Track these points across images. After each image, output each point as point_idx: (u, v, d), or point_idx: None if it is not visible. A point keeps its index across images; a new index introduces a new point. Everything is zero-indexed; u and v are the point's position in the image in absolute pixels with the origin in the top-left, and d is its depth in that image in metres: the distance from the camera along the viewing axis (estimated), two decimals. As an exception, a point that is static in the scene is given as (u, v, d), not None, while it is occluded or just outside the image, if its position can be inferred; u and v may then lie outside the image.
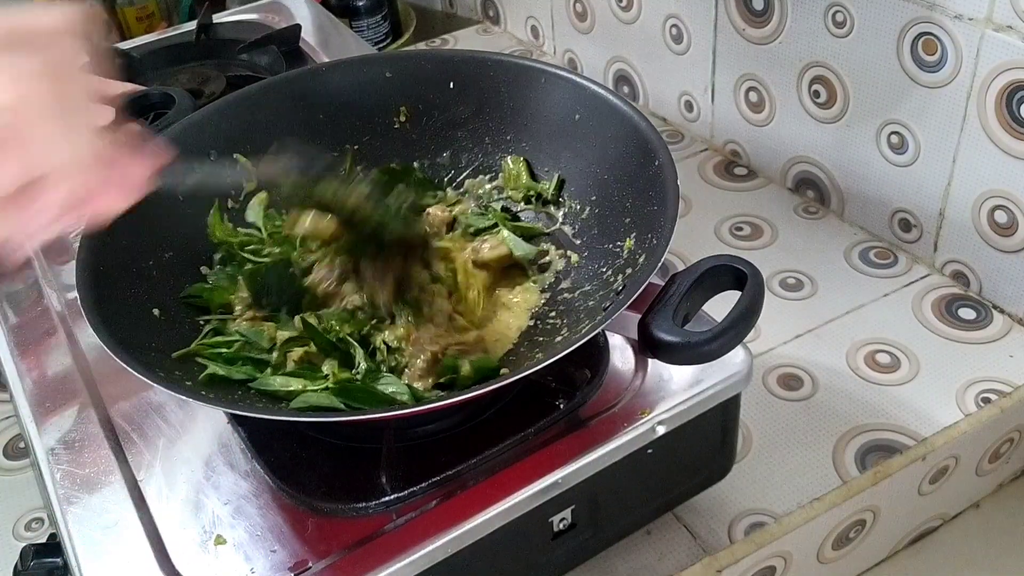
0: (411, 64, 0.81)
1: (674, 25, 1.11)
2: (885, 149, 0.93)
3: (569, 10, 1.26)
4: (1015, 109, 0.80)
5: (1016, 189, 0.83)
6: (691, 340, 0.57)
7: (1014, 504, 0.87)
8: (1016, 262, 0.86)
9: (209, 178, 0.66)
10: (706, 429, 0.67)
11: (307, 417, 0.62)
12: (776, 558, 0.75)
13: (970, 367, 0.84)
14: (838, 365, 0.86)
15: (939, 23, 0.83)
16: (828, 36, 0.93)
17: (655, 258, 0.60)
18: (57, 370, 0.74)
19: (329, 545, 0.58)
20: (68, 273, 0.83)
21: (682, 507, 0.74)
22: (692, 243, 1.00)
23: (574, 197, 0.75)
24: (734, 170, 1.11)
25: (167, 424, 0.68)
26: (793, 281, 0.95)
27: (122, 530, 0.61)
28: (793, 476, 0.77)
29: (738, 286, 0.60)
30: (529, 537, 0.62)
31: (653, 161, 0.66)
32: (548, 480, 0.60)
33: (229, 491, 0.63)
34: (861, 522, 0.78)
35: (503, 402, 0.65)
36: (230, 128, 0.77)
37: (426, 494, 0.60)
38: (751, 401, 0.83)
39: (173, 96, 0.77)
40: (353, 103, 0.80)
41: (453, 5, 1.57)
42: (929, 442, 0.78)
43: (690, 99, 1.15)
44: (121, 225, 0.67)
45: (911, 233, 0.95)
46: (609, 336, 0.69)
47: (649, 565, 0.72)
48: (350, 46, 1.19)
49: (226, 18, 1.23)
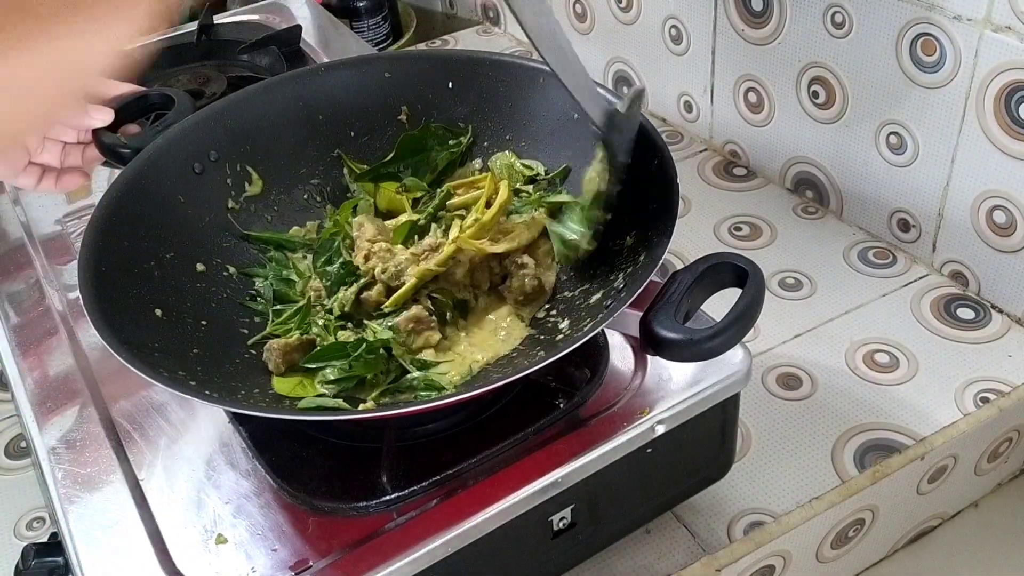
0: (410, 64, 0.81)
1: (673, 26, 1.11)
2: (884, 149, 0.93)
3: (569, 11, 1.27)
4: (1013, 109, 0.80)
5: (1015, 189, 0.83)
6: (694, 337, 0.57)
7: (1013, 503, 0.87)
8: (1015, 262, 0.86)
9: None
10: (705, 428, 0.67)
11: (308, 416, 0.62)
12: (775, 557, 0.75)
13: (969, 367, 0.85)
14: (837, 365, 0.86)
15: (938, 24, 0.83)
16: (827, 37, 0.93)
17: (656, 255, 0.60)
18: (58, 370, 0.74)
19: (330, 544, 0.58)
20: (70, 273, 0.83)
21: (681, 506, 0.74)
22: (691, 243, 1.00)
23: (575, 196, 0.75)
24: (733, 170, 1.11)
25: (168, 423, 0.68)
26: (792, 281, 0.95)
27: (123, 529, 0.62)
28: (792, 475, 0.77)
29: (739, 283, 0.60)
30: (529, 536, 0.62)
31: (652, 159, 0.67)
32: (548, 479, 0.60)
33: (230, 490, 0.63)
34: (860, 521, 0.79)
35: (503, 401, 0.65)
36: (230, 128, 0.77)
37: (427, 493, 0.60)
38: (750, 401, 0.83)
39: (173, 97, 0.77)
40: (352, 103, 0.80)
41: (453, 6, 1.57)
42: (928, 441, 0.79)
43: (689, 99, 1.15)
44: (122, 225, 0.68)
45: (910, 233, 0.96)
46: (609, 335, 0.69)
47: (648, 564, 0.72)
48: (350, 47, 1.19)
49: (227, 19, 1.23)
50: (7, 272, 0.86)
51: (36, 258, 0.86)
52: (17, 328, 0.79)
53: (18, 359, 0.76)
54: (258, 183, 0.78)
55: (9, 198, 0.96)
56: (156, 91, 0.80)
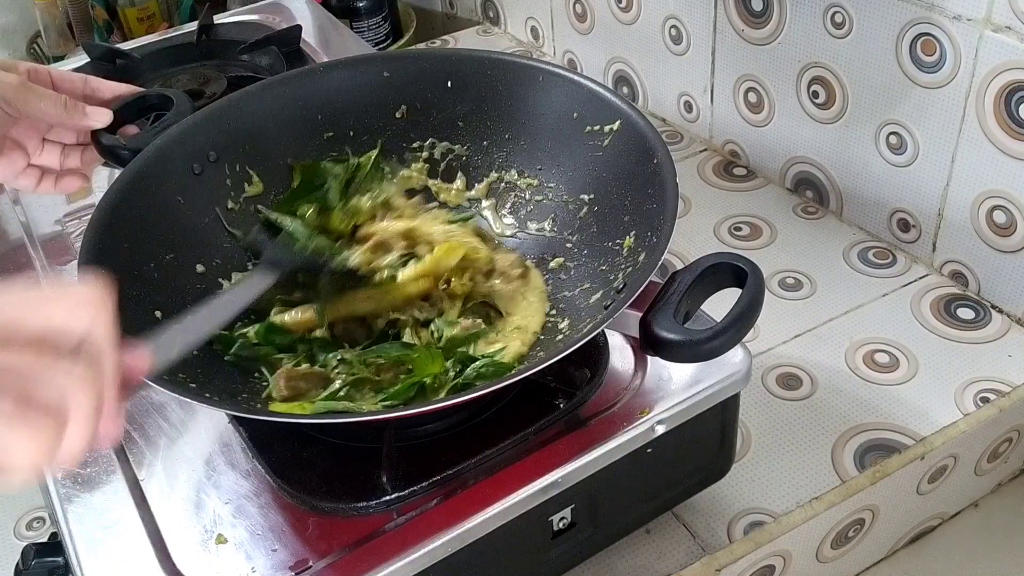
0: (409, 64, 0.81)
1: (673, 26, 1.11)
2: (884, 149, 0.93)
3: (569, 11, 1.27)
4: (1013, 109, 0.80)
5: (1014, 189, 0.83)
6: (693, 338, 0.57)
7: (1013, 503, 0.87)
8: (1014, 262, 0.86)
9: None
10: (705, 428, 0.67)
11: (307, 419, 0.62)
12: (775, 557, 0.75)
13: (969, 367, 0.85)
14: (837, 365, 0.86)
15: (938, 24, 0.83)
16: (827, 37, 0.93)
17: (656, 256, 0.60)
18: (58, 370, 0.74)
19: (330, 544, 0.58)
20: (70, 273, 0.83)
21: (681, 506, 0.74)
22: (691, 243, 1.00)
23: (574, 195, 0.75)
24: (733, 170, 1.11)
25: (168, 423, 0.68)
26: (792, 281, 0.95)
27: (123, 529, 0.62)
28: (792, 475, 0.77)
29: (738, 284, 0.60)
30: (529, 536, 0.62)
31: (652, 159, 0.67)
32: (548, 479, 0.60)
33: (230, 490, 0.63)
34: (860, 521, 0.79)
35: (503, 402, 0.65)
36: (229, 129, 0.77)
37: (427, 493, 0.60)
38: (750, 401, 0.83)
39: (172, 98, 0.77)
40: (351, 103, 0.80)
41: (453, 6, 1.57)
42: (928, 441, 0.79)
43: (689, 99, 1.15)
44: (122, 226, 0.68)
45: (910, 233, 0.96)
46: (609, 335, 0.69)
47: (648, 564, 0.72)
48: (350, 47, 1.19)
49: (227, 19, 1.23)
50: (7, 272, 0.86)
51: (36, 258, 0.86)
52: (17, 328, 0.79)
53: (18, 359, 0.75)
54: (258, 184, 0.77)
55: (9, 198, 0.96)
56: (155, 92, 0.80)
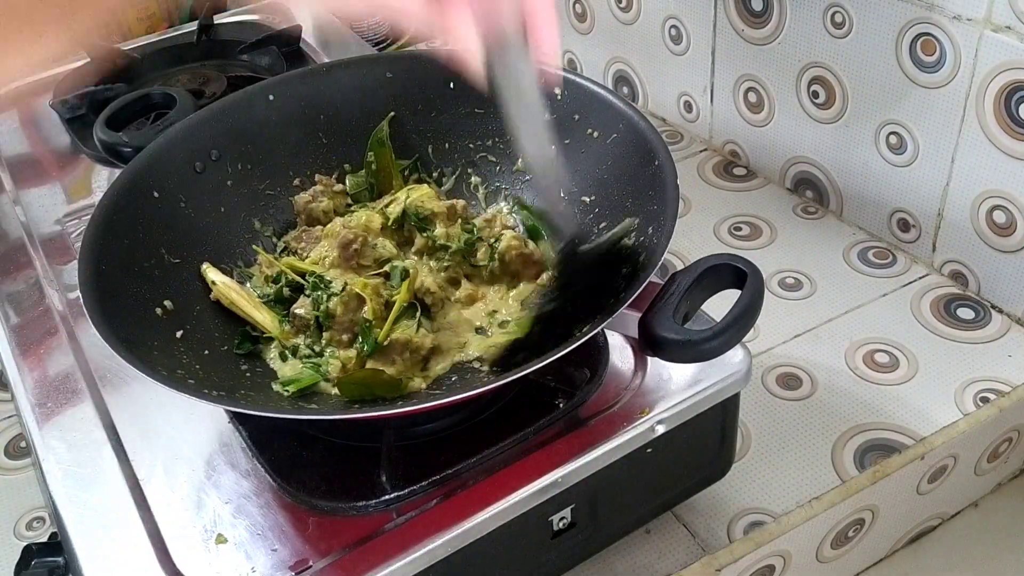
0: (411, 64, 0.81)
1: (673, 26, 1.11)
2: (884, 149, 0.93)
3: (569, 11, 1.27)
4: (1013, 109, 0.80)
5: (1014, 189, 0.83)
6: (692, 338, 0.57)
7: (1013, 503, 0.87)
8: (1014, 262, 0.86)
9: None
10: (705, 428, 0.67)
11: (307, 416, 0.62)
12: (775, 557, 0.75)
13: (969, 367, 0.85)
14: (837, 365, 0.86)
15: (938, 24, 0.83)
16: (827, 37, 0.93)
17: (656, 256, 0.60)
18: (58, 370, 0.74)
19: (330, 544, 0.58)
20: (70, 273, 0.83)
21: (681, 506, 0.74)
22: (691, 243, 1.00)
23: (575, 198, 0.75)
24: (733, 170, 1.11)
25: (168, 423, 0.68)
26: (792, 281, 0.95)
27: (123, 529, 0.62)
28: (792, 475, 0.77)
29: (738, 284, 0.60)
30: (529, 536, 0.63)
31: (652, 160, 0.67)
32: (548, 479, 0.60)
33: (230, 490, 0.63)
34: (860, 521, 0.79)
35: (503, 401, 0.65)
36: (231, 128, 0.77)
37: (426, 493, 0.60)
38: (750, 401, 0.83)
39: (175, 96, 0.77)
40: (353, 103, 0.80)
41: (453, 6, 1.57)
42: (928, 441, 0.79)
43: (689, 99, 1.15)
44: (122, 225, 0.68)
45: (910, 233, 0.96)
46: (608, 335, 0.69)
47: (648, 564, 0.72)
48: (351, 47, 1.19)
49: (227, 19, 1.23)
50: (7, 272, 0.86)
51: (36, 258, 0.86)
52: (17, 328, 0.79)
53: (18, 359, 0.76)
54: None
55: (9, 198, 0.96)
56: (158, 90, 0.80)
